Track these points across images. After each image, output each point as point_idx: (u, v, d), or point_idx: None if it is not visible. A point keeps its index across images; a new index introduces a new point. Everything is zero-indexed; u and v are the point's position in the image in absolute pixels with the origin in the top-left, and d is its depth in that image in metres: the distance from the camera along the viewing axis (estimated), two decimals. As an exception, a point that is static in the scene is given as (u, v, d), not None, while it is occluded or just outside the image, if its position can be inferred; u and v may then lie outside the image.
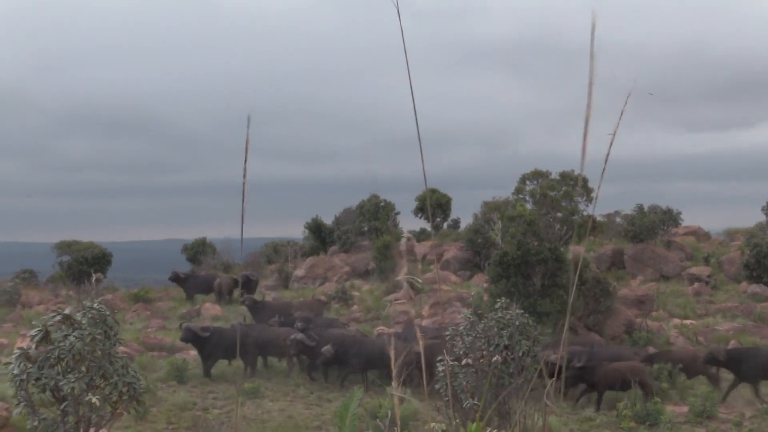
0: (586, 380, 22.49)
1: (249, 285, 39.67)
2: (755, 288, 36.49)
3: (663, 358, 24.34)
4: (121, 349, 24.80)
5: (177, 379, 24.46)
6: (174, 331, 31.26)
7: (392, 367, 3.51)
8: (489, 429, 2.77)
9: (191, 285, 41.14)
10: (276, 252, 55.64)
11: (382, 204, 55.18)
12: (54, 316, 10.62)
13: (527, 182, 47.19)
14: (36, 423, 10.14)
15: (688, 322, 32.45)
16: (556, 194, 44.46)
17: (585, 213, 48.23)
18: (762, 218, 49.21)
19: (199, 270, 49.15)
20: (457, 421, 13.30)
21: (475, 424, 2.61)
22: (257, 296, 36.87)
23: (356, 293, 40.28)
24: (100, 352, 10.48)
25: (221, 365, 26.29)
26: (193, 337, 25.91)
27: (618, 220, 48.68)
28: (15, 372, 10.24)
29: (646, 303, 34.29)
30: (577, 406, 22.16)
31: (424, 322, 31.89)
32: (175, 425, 19.64)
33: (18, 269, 52.31)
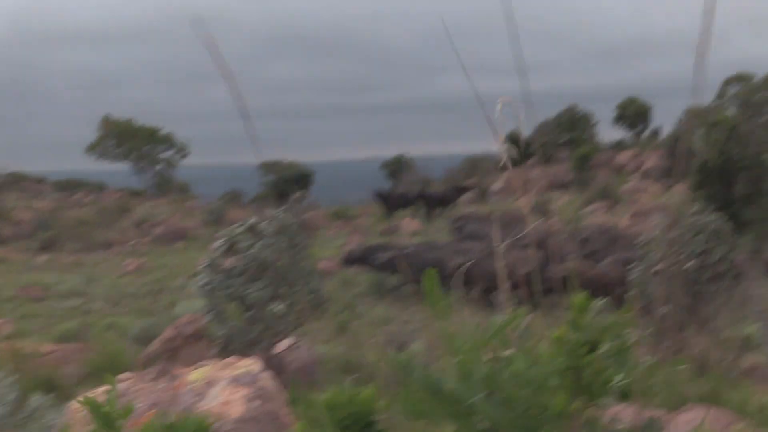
0: None
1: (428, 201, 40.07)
2: None
3: None
4: (323, 264, 25.24)
5: (377, 295, 24.61)
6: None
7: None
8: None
9: (393, 201, 41.31)
10: (474, 167, 55.36)
11: (580, 115, 54.27)
12: (239, 226, 10.76)
13: (730, 87, 45.54)
14: (224, 331, 10.33)
15: None
16: (761, 97, 42.69)
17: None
18: None
19: (398, 187, 49.33)
20: (651, 329, 12.89)
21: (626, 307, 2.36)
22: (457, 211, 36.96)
23: (555, 205, 39.80)
24: (284, 261, 10.57)
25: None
26: (353, 259, 26.01)
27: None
28: (203, 282, 10.44)
29: None
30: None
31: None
32: (375, 338, 19.77)
33: (225, 191, 53.93)
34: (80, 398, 2.63)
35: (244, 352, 10.27)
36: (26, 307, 23.01)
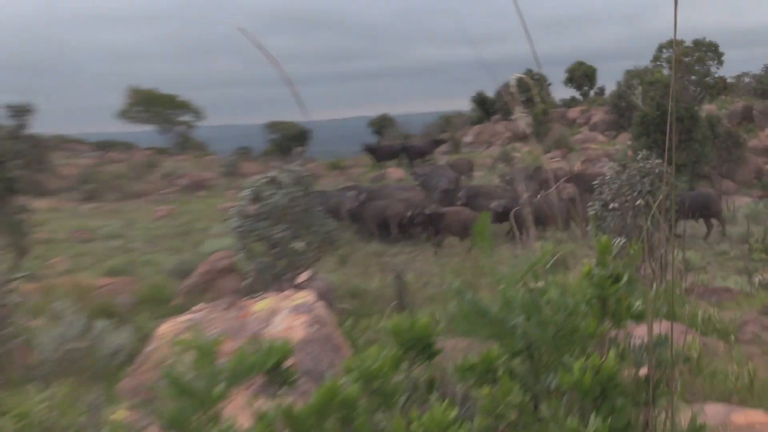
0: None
1: (409, 152, 40.18)
2: None
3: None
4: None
5: (368, 233, 24.51)
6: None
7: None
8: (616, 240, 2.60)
9: (380, 153, 41.30)
10: (448, 123, 55.44)
11: (536, 77, 54.26)
12: (262, 179, 10.77)
13: (663, 50, 45.44)
14: (253, 266, 10.39)
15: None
16: (690, 60, 42.74)
17: (716, 75, 46.34)
18: None
19: (384, 141, 49.27)
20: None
21: (605, 236, 2.42)
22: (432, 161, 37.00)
23: (517, 154, 39.78)
24: (301, 207, 10.61)
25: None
26: None
27: (747, 80, 46.45)
28: (235, 225, 10.48)
29: (773, 152, 32.87)
30: (712, 242, 21.35)
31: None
32: (370, 269, 19.81)
33: (236, 147, 53.81)
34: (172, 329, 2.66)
35: (270, 284, 10.35)
36: (77, 247, 23.04)
